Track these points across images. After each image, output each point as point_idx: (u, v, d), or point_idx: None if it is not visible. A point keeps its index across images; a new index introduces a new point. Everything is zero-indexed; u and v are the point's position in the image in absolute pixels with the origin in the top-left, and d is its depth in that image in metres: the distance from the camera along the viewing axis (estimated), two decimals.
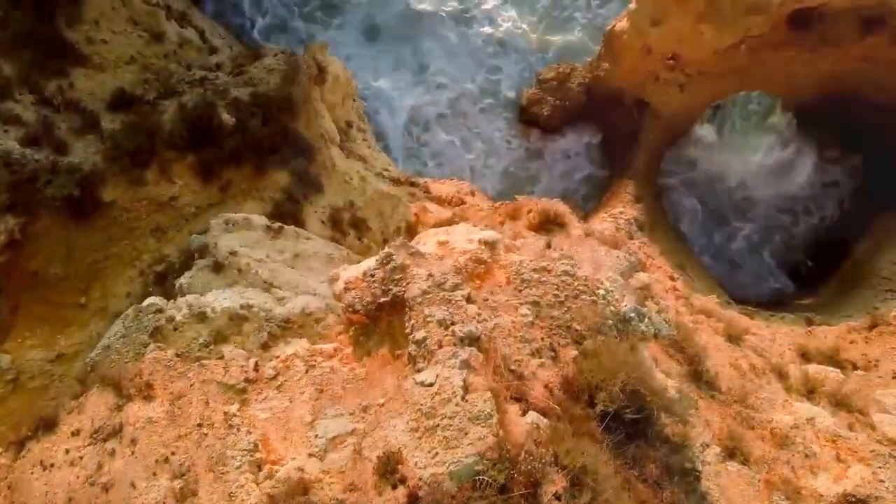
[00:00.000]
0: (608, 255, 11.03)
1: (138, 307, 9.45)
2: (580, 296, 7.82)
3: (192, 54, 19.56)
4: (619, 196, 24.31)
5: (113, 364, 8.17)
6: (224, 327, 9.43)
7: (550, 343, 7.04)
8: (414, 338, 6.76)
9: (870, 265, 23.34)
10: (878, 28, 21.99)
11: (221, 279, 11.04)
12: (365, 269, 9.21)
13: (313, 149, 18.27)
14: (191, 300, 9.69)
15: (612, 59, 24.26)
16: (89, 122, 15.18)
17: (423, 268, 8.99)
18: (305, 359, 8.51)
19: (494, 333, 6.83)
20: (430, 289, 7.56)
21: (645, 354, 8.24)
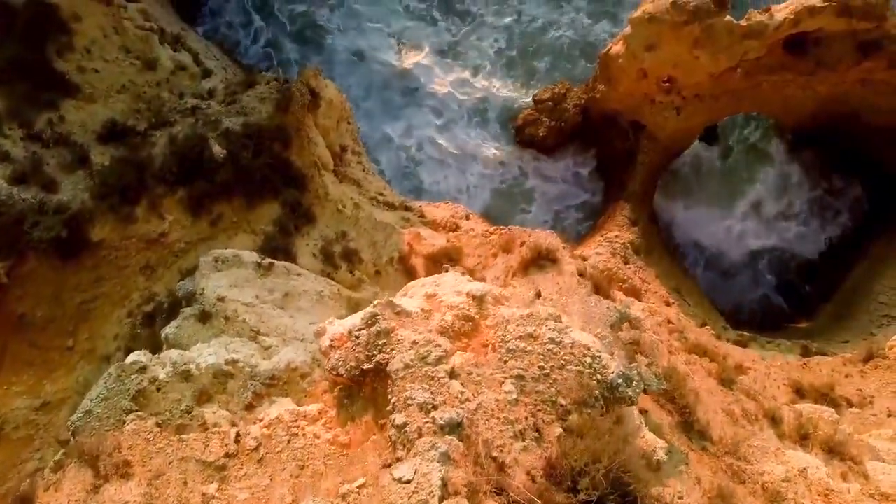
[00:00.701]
0: (598, 305, 10.94)
1: (121, 365, 9.33)
2: (566, 366, 7.71)
3: (184, 81, 19.47)
4: (614, 219, 24.20)
5: (93, 432, 8.05)
6: (208, 386, 9.33)
7: (534, 423, 6.93)
8: (394, 421, 6.65)
9: (867, 289, 23.25)
10: (874, 53, 21.90)
11: (208, 329, 10.94)
12: (350, 328, 9.11)
13: (306, 178, 18.16)
14: (175, 357, 9.58)
15: (608, 82, 24.17)
16: (79, 156, 15.08)
17: (409, 328, 8.90)
18: (289, 424, 8.40)
19: (477, 415, 6.73)
20: (412, 362, 7.46)
21: (632, 424, 8.13)
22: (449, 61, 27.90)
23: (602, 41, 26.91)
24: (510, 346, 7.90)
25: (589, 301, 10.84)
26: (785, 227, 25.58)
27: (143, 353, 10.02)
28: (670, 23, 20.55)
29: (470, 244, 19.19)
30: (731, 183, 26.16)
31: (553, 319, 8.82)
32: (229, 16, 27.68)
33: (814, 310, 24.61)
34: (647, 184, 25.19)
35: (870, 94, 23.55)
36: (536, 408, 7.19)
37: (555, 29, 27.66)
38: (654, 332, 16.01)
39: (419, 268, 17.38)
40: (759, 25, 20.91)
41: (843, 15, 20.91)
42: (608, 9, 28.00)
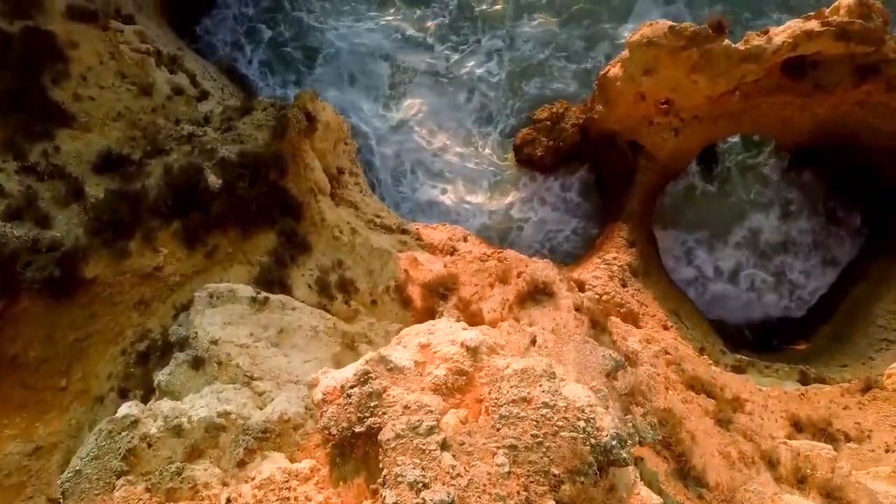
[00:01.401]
0: (594, 353, 10.87)
1: (113, 419, 9.26)
2: (560, 432, 7.64)
3: (180, 107, 19.40)
4: (612, 240, 24.13)
5: (83, 495, 7.98)
6: (200, 441, 9.26)
7: (527, 496, 6.86)
8: (385, 499, 6.59)
9: (866, 311, 23.15)
10: (873, 76, 21.85)
11: (200, 376, 10.87)
12: (343, 383, 9.04)
13: (302, 205, 18.08)
14: (167, 410, 9.51)
15: (606, 103, 24.11)
16: (73, 189, 15.01)
17: (402, 386, 8.85)
18: (280, 486, 8.34)
19: (468, 492, 6.65)
20: (403, 432, 7.40)
21: (627, 484, 8.06)
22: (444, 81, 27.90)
23: (597, 66, 26.93)
24: (503, 411, 7.83)
25: (584, 349, 10.77)
26: (783, 260, 25.48)
27: (135, 403, 9.96)
28: (668, 48, 20.49)
29: (467, 270, 19.08)
30: (727, 208, 26.08)
31: (547, 377, 8.75)
32: (224, 34, 27.61)
33: (812, 331, 24.50)
34: (646, 204, 25.11)
35: (868, 115, 23.49)
36: (529, 479, 7.12)
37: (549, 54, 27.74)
38: (652, 364, 15.95)
39: (415, 297, 17.29)
40: (757, 49, 20.85)
41: (842, 39, 20.85)
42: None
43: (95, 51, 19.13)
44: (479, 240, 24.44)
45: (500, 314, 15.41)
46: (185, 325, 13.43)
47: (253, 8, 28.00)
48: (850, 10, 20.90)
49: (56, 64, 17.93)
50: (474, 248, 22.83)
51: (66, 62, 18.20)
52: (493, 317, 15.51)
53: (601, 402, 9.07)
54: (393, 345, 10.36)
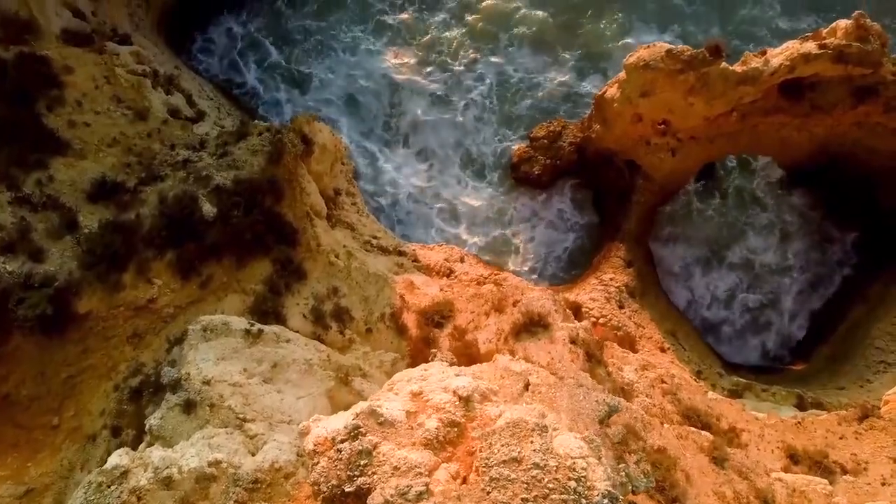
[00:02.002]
0: (587, 398, 10.82)
1: (102, 471, 9.21)
2: (550, 495, 7.59)
3: (176, 131, 19.34)
4: (609, 260, 24.10)
5: None
6: (190, 493, 9.21)
7: None
8: None
9: (863, 333, 23.10)
10: (870, 98, 21.81)
11: (192, 420, 10.82)
12: (334, 435, 8.98)
13: (297, 231, 18.04)
14: (157, 460, 9.46)
15: (603, 123, 24.07)
16: (67, 220, 14.93)
17: (393, 441, 8.81)
18: None
19: None
20: (392, 498, 7.35)
21: None
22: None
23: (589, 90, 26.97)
24: (493, 472, 7.78)
25: (577, 394, 10.71)
26: (779, 281, 25.43)
27: (125, 452, 9.91)
28: (665, 71, 20.45)
29: (463, 294, 19.03)
30: (723, 228, 26.04)
31: (539, 431, 8.69)
32: (221, 51, 27.58)
33: (810, 351, 24.45)
34: (643, 223, 25.07)
35: (866, 135, 23.47)
36: None
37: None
38: (647, 394, 15.90)
39: (411, 324, 17.25)
40: (754, 72, 20.81)
41: (839, 62, 20.82)
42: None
43: (90, 75, 19.10)
44: (476, 259, 24.45)
45: (496, 345, 15.36)
46: (179, 360, 13.40)
47: (251, 25, 27.97)
48: (847, 33, 20.86)
49: (51, 90, 17.89)
50: (471, 270, 22.83)
51: (60, 88, 18.16)
52: (488, 348, 15.46)
53: (594, 453, 9.01)
54: (385, 391, 10.30)
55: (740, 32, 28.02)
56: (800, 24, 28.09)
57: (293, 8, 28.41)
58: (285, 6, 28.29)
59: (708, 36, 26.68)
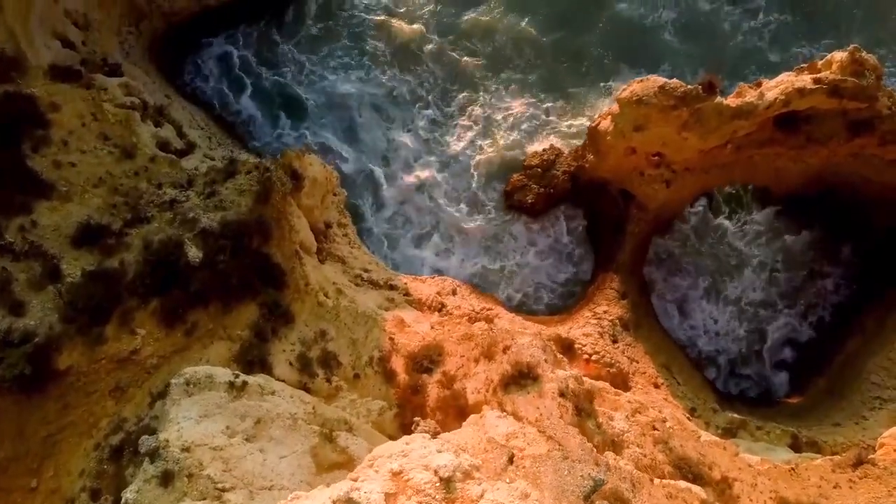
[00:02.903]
0: (571, 472, 10.63)
1: None
2: None
3: (163, 168, 19.10)
4: (604, 292, 23.88)
5: None
6: None
7: None
8: None
9: (859, 366, 22.87)
10: (866, 131, 21.61)
11: (170, 494, 10.60)
12: None
13: (285, 272, 17.83)
14: None
15: (596, 154, 23.88)
16: (49, 269, 14.75)
17: None
18: None
19: None
20: None
21: None
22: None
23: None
24: None
25: (562, 468, 10.50)
26: (772, 312, 25.25)
27: None
28: (658, 106, 20.25)
29: (454, 333, 18.79)
30: (717, 260, 25.87)
31: None
32: (213, 79, 27.40)
33: (806, 384, 24.22)
34: (637, 254, 24.86)
35: (861, 167, 23.30)
36: None
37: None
38: (638, 444, 15.67)
39: (399, 369, 17.03)
40: (748, 106, 20.62)
41: (834, 96, 20.62)
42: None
43: (78, 112, 18.88)
44: (469, 290, 24.24)
45: (485, 396, 15.12)
46: (161, 417, 13.20)
47: (245, 50, 27.78)
48: (842, 67, 20.66)
49: (36, 130, 17.68)
50: (463, 303, 22.63)
51: (46, 127, 17.95)
52: (476, 399, 15.23)
53: None
54: (365, 467, 10.10)
55: (733, 60, 27.92)
56: (792, 53, 28.03)
57: (286, 35, 28.23)
58: (277, 32, 28.11)
59: (702, 70, 26.59)
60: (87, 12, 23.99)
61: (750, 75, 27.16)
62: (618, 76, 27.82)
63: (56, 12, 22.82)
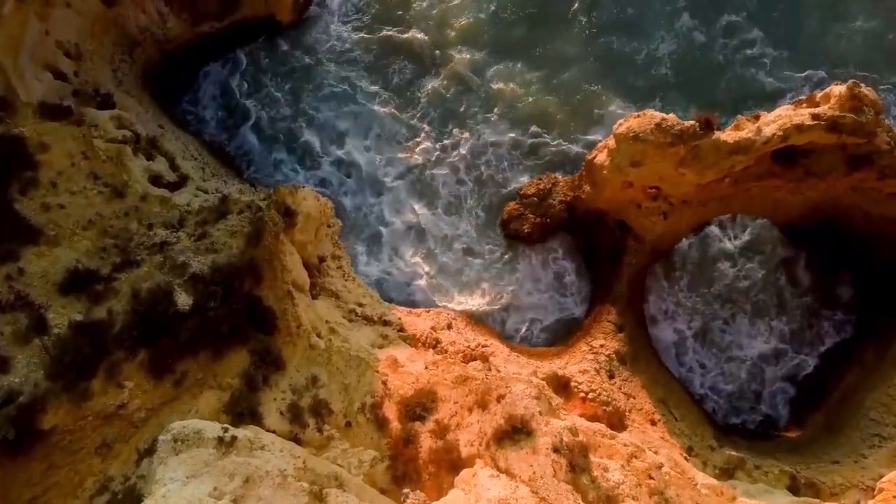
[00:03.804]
0: None
1: None
2: None
3: (154, 208, 18.87)
4: (600, 324, 23.66)
5: None
6: None
7: None
8: None
9: (858, 402, 22.64)
10: (865, 166, 21.40)
11: None
12: None
13: (277, 316, 17.61)
14: None
15: (593, 185, 23.67)
16: (35, 322, 14.51)
17: None
18: None
19: None
20: None
21: None
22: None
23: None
24: None
25: None
26: (770, 346, 25.05)
27: None
28: (655, 143, 20.04)
29: (448, 375, 18.55)
30: (716, 296, 25.70)
31: None
32: (207, 106, 27.19)
33: (804, 417, 23.99)
34: (634, 285, 24.64)
35: (860, 199, 23.09)
36: None
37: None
38: (634, 497, 15.46)
39: (392, 416, 16.79)
40: (746, 142, 20.41)
41: (833, 132, 20.41)
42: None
43: (67, 152, 18.66)
44: (464, 321, 24.02)
45: (478, 450, 14.90)
46: (148, 477, 13.01)
47: (240, 78, 27.58)
48: (841, 102, 20.44)
49: (25, 172, 17.47)
50: (458, 338, 22.40)
51: (35, 168, 17.74)
52: (469, 452, 15.01)
53: None
54: None
55: (729, 90, 27.76)
56: (787, 83, 27.91)
57: (281, 62, 28.03)
58: (272, 60, 27.90)
59: (694, 108, 26.53)
60: (79, 42, 23.77)
61: (746, 105, 27.05)
62: (611, 106, 27.66)
63: (47, 44, 22.60)
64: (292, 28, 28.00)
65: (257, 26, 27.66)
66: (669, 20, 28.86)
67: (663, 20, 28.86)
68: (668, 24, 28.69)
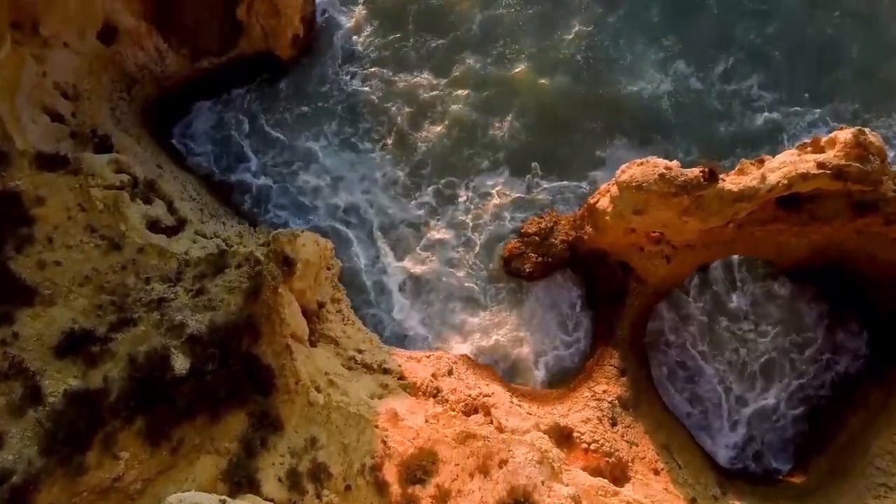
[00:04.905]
0: None
1: None
2: None
3: (151, 260, 18.62)
4: (603, 368, 23.43)
5: None
6: None
7: None
8: None
9: (863, 447, 22.37)
10: (870, 212, 21.18)
11: None
12: None
13: (275, 374, 17.39)
14: None
15: (595, 228, 23.45)
16: (30, 391, 14.27)
17: None
18: None
19: None
20: None
21: None
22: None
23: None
24: None
25: None
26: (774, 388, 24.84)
27: None
28: (658, 193, 19.82)
29: (448, 432, 18.29)
30: (718, 335, 25.49)
31: None
32: (207, 143, 27.00)
33: (808, 461, 23.73)
34: (636, 327, 24.42)
35: (866, 243, 22.86)
36: None
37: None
38: None
39: (391, 479, 16.56)
40: (750, 191, 20.18)
41: (838, 179, 20.18)
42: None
43: (64, 204, 18.44)
44: (465, 365, 23.76)
45: None
46: None
47: (239, 116, 27.34)
48: (846, 150, 20.19)
49: (20, 229, 17.27)
50: (459, 385, 22.15)
51: (31, 224, 17.54)
52: None
53: None
54: None
55: (730, 134, 27.52)
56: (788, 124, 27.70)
57: (281, 103, 27.80)
58: (271, 99, 27.67)
59: (696, 151, 26.40)
60: (76, 82, 23.58)
61: (746, 145, 26.92)
62: (611, 147, 27.48)
63: (45, 86, 22.42)
64: (292, 63, 27.76)
65: (257, 62, 27.43)
66: (664, 66, 28.65)
67: (658, 66, 28.64)
68: (663, 70, 28.51)
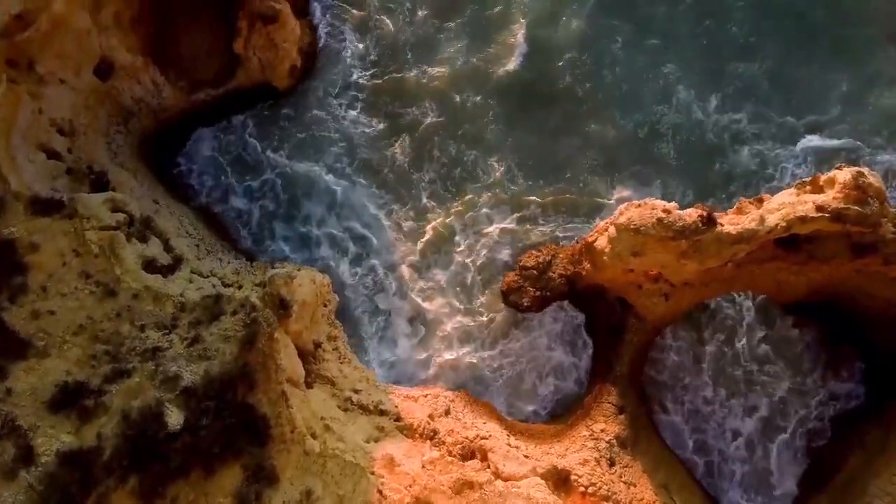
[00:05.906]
0: None
1: None
2: None
3: (146, 306, 18.51)
4: (601, 406, 23.33)
5: None
6: None
7: None
8: None
9: (861, 488, 22.27)
10: (869, 254, 21.08)
11: None
12: None
13: (270, 425, 17.26)
14: None
15: (593, 265, 23.35)
16: (23, 452, 14.22)
17: None
18: None
19: None
20: None
21: None
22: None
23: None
24: None
25: None
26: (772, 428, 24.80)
27: None
28: (656, 237, 19.73)
29: (445, 480, 18.24)
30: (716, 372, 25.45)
31: None
32: (203, 173, 26.91)
33: (809, 499, 23.64)
34: (635, 363, 24.32)
35: (865, 281, 22.77)
36: None
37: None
38: None
39: None
40: (748, 233, 20.10)
41: (837, 222, 20.11)
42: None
43: (58, 251, 18.34)
44: (462, 402, 23.69)
45: None
46: None
47: (238, 148, 27.20)
48: (846, 192, 20.09)
49: (14, 278, 17.17)
50: (456, 426, 22.05)
51: (25, 273, 17.44)
52: None
53: None
54: None
55: (725, 172, 27.37)
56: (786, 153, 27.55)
57: (281, 132, 27.69)
58: (270, 129, 27.55)
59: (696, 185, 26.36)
60: (73, 118, 23.43)
61: (743, 181, 26.86)
62: (607, 181, 27.34)
63: (41, 123, 22.28)
64: (289, 95, 27.64)
65: (254, 93, 27.32)
66: (666, 95, 28.26)
67: (659, 95, 28.22)
68: (665, 99, 28.16)
